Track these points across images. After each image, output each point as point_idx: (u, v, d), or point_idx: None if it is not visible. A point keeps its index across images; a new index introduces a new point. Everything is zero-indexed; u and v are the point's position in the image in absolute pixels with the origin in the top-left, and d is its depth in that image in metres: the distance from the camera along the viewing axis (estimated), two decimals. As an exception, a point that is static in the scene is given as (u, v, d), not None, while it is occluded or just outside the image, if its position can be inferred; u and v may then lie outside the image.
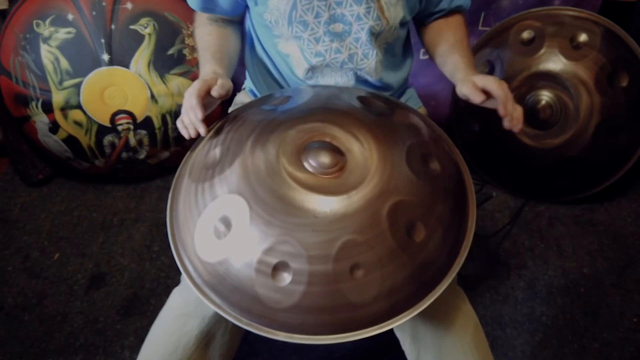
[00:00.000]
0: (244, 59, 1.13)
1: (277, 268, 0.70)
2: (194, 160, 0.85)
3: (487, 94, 0.87)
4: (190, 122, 0.84)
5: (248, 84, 1.17)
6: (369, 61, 0.99)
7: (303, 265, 0.69)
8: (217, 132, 0.85)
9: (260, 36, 1.04)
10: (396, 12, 0.96)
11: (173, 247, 0.78)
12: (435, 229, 0.74)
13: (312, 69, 1.00)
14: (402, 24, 1.01)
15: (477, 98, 0.86)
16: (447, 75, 0.99)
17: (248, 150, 0.77)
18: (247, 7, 1.01)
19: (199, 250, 0.75)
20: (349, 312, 0.70)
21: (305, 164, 0.75)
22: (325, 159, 0.75)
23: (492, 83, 0.86)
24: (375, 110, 0.85)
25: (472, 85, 0.87)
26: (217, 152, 0.80)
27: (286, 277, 0.70)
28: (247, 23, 1.08)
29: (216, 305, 0.74)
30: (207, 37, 0.99)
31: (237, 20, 1.06)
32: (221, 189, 0.75)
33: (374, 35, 0.97)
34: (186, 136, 0.85)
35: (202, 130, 0.83)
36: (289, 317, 0.70)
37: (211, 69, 0.92)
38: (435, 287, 0.74)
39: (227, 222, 0.73)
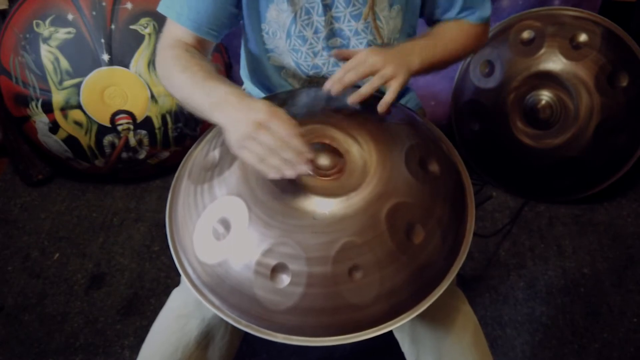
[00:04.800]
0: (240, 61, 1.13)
1: (276, 270, 0.70)
2: (193, 161, 0.85)
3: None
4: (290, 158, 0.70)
5: (247, 86, 1.17)
6: None
7: (302, 267, 0.69)
8: (217, 134, 0.85)
9: (252, 47, 1.02)
10: (395, 24, 0.95)
11: (172, 248, 0.78)
12: (434, 231, 0.74)
13: (309, 80, 1.00)
14: (405, 34, 0.99)
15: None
16: None
17: None
18: (233, 25, 0.95)
19: (198, 252, 0.75)
20: (348, 313, 0.70)
21: None
22: (324, 160, 0.75)
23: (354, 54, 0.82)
24: (376, 112, 0.85)
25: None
26: (216, 153, 0.80)
27: (285, 279, 0.70)
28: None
29: (215, 307, 0.74)
30: (194, 68, 0.82)
31: (209, 51, 0.96)
32: (220, 190, 0.75)
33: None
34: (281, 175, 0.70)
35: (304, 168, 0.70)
36: (288, 319, 0.70)
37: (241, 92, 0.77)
38: (434, 288, 0.74)
39: (226, 224, 0.73)
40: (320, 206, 0.71)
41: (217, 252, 0.73)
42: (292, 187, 0.73)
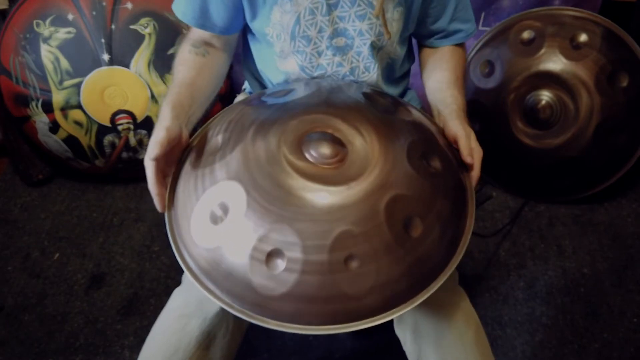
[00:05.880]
0: (241, 64, 1.13)
1: (272, 255, 0.69)
2: (196, 146, 0.85)
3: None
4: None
5: (248, 85, 1.17)
6: (370, 74, 0.99)
7: (298, 254, 0.69)
8: (221, 120, 0.85)
9: (257, 53, 1.03)
10: (397, 27, 0.96)
11: (169, 231, 0.78)
12: (432, 226, 0.74)
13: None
14: (403, 40, 1.01)
15: (466, 151, 0.84)
16: (434, 96, 0.98)
17: (250, 138, 0.77)
18: (245, 23, 0.99)
19: (195, 235, 0.75)
20: (342, 303, 0.70)
21: (306, 154, 0.75)
22: (325, 149, 0.75)
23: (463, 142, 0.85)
24: (379, 106, 0.86)
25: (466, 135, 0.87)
26: (219, 138, 0.80)
27: (280, 265, 0.69)
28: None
29: (208, 291, 0.73)
30: (178, 67, 0.93)
31: (228, 43, 1.01)
32: (221, 174, 0.75)
33: (376, 49, 0.97)
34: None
35: (160, 208, 0.79)
36: (282, 306, 0.70)
37: (164, 110, 0.83)
38: (430, 283, 0.74)
39: (224, 208, 0.73)
40: (320, 194, 0.71)
41: (213, 236, 0.73)
42: (292, 174, 0.73)
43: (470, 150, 0.84)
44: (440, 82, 0.99)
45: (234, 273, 0.71)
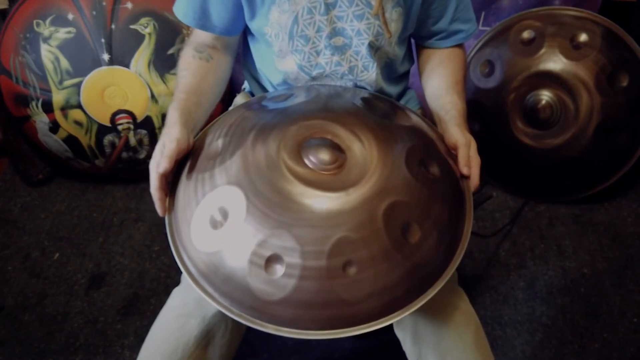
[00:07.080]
0: (241, 63, 1.13)
1: (270, 261, 0.70)
2: (196, 150, 0.85)
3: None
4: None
5: (247, 85, 1.17)
6: (369, 73, 0.99)
7: (296, 260, 0.69)
8: (221, 124, 0.86)
9: (256, 52, 1.03)
10: (396, 28, 0.96)
11: (169, 234, 0.78)
12: (430, 232, 0.74)
13: (313, 80, 1.01)
14: (402, 40, 1.01)
15: (463, 161, 0.84)
16: (433, 103, 0.98)
17: (249, 143, 0.77)
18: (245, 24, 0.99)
19: (195, 239, 0.75)
20: (340, 308, 0.70)
21: (306, 160, 0.75)
22: (325, 155, 0.75)
23: (462, 149, 0.84)
24: (378, 112, 0.86)
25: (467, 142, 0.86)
26: (219, 143, 0.81)
27: (278, 270, 0.70)
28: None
29: (207, 294, 0.74)
30: (182, 72, 0.93)
31: (230, 45, 1.01)
32: (221, 179, 0.75)
33: (374, 48, 0.97)
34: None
35: (160, 212, 0.80)
36: (280, 310, 0.70)
37: (172, 116, 0.83)
38: (428, 289, 0.74)
39: (224, 213, 0.73)
40: (318, 200, 0.71)
41: (213, 241, 0.73)
42: (291, 180, 0.73)
43: (468, 160, 0.84)
44: (439, 89, 0.99)
45: (233, 277, 0.71)
